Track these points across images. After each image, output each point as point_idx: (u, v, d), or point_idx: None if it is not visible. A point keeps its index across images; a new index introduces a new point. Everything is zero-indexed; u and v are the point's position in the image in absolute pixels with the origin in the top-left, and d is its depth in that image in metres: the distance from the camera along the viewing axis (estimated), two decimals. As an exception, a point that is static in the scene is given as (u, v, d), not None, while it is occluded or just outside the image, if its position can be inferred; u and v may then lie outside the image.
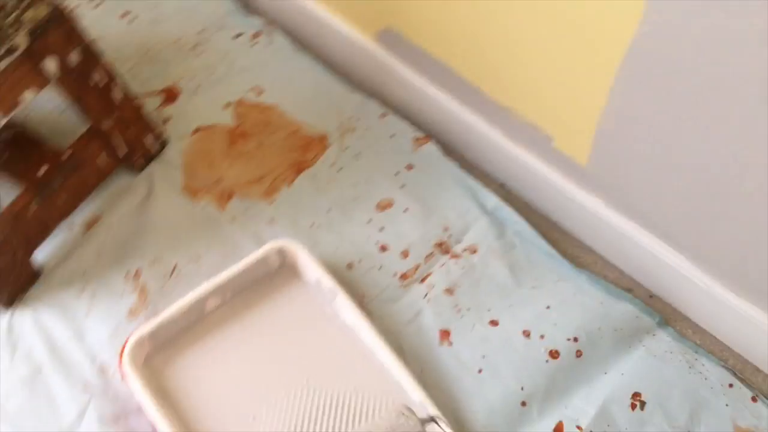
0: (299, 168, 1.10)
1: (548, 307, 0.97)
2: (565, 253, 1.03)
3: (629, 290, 1.00)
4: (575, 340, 0.94)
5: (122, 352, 0.89)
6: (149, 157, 1.09)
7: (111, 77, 0.97)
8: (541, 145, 1.01)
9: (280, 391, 0.89)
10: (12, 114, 0.87)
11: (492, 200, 1.07)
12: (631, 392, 0.90)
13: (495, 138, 1.06)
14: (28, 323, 0.95)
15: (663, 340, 0.94)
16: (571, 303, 0.97)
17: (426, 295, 0.99)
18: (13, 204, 0.95)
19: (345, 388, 0.89)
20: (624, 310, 0.96)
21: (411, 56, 1.10)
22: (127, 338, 0.89)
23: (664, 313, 0.98)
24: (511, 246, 1.03)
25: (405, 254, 1.02)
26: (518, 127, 1.02)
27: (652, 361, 0.92)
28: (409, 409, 0.76)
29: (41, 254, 1.00)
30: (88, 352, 0.93)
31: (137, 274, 1.00)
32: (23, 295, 0.97)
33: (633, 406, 0.89)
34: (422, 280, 1.00)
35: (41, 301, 0.97)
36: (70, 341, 0.94)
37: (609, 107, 0.88)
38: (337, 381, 0.90)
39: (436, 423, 0.79)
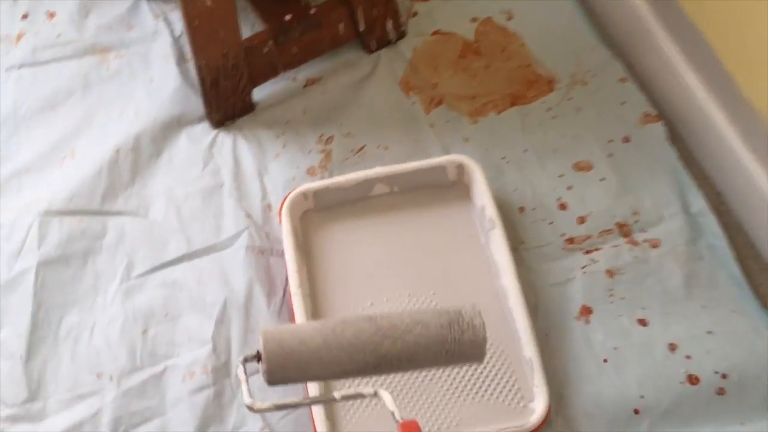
0: (514, 101, 1.07)
1: (709, 333, 0.87)
2: (756, 289, 0.91)
3: (813, 355, 0.87)
4: (724, 376, 0.84)
5: (285, 198, 0.95)
6: (383, 43, 1.12)
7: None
8: (780, 163, 0.88)
9: (405, 291, 0.90)
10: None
11: (699, 203, 0.96)
12: (763, 455, 0.79)
13: (731, 140, 0.95)
14: (227, 146, 1.05)
15: (826, 420, 0.81)
16: (738, 339, 0.86)
17: (585, 267, 0.93)
18: (252, 37, 1.04)
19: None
20: (796, 371, 0.83)
21: (677, 26, 1.01)
22: (295, 188, 0.95)
23: (843, 395, 0.84)
24: (698, 257, 0.93)
25: (581, 220, 0.97)
26: (763, 138, 0.90)
27: (803, 435, 0.80)
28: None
29: (259, 93, 1.09)
30: (262, 188, 1.01)
31: (329, 140, 1.05)
32: (232, 122, 1.07)
33: (757, 470, 0.79)
34: (587, 252, 0.94)
35: (244, 132, 1.06)
36: (253, 174, 1.02)
37: None
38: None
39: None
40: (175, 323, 0.91)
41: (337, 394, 0.64)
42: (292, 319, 0.89)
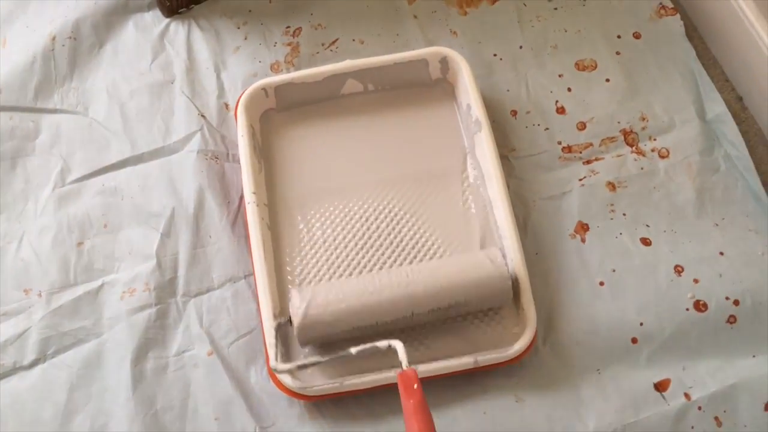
0: (511, -10, 0.93)
1: (722, 254, 0.77)
2: (778, 207, 0.80)
3: (838, 281, 0.76)
4: (735, 303, 0.74)
5: (242, 94, 0.82)
6: None
7: None
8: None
9: (377, 205, 0.79)
10: None
11: (717, 109, 0.85)
12: (775, 391, 0.70)
13: (759, 37, 0.82)
14: (180, 37, 0.92)
15: None
16: (753, 261, 0.76)
17: (583, 178, 0.82)
18: None
19: (438, 230, 0.77)
20: (818, 298, 0.73)
21: None
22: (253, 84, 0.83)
23: None
24: (713, 169, 0.81)
25: (582, 126, 0.85)
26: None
27: (823, 370, 0.70)
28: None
29: (219, -24, 0.95)
30: (219, 86, 0.88)
31: (297, 32, 0.92)
32: (188, 10, 0.93)
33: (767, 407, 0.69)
34: (586, 162, 0.83)
35: (200, 21, 0.93)
36: (209, 69, 0.89)
37: None
38: (435, 219, 0.78)
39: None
40: (115, 235, 0.80)
41: (353, 350, 0.65)
42: (246, 232, 0.78)
